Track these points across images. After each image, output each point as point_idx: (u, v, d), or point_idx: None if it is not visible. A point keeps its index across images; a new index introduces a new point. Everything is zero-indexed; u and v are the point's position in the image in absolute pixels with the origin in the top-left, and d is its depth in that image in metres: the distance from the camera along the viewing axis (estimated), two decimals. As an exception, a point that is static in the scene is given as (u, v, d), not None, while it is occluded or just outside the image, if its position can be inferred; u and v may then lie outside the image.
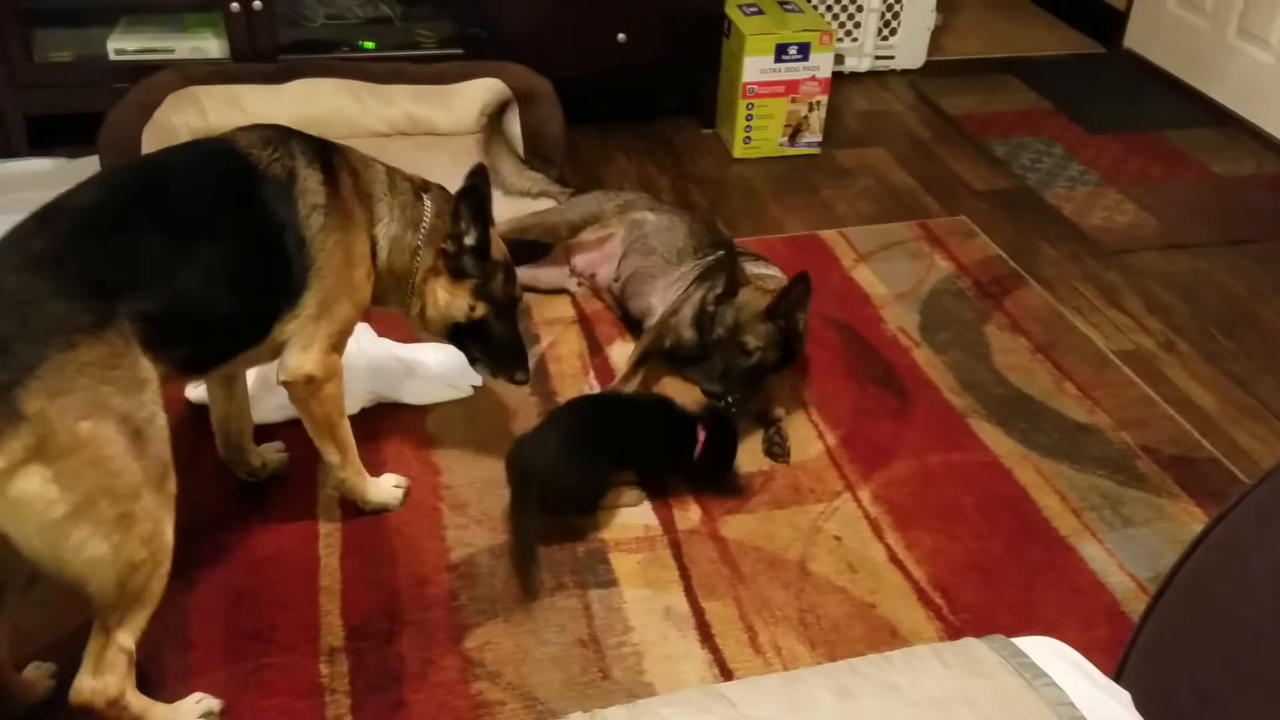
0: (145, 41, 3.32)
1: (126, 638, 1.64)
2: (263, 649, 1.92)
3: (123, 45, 3.31)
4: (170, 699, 1.80)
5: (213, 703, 1.81)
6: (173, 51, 3.31)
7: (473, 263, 2.08)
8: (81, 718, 1.66)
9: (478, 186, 2.04)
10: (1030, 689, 1.22)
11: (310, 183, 1.89)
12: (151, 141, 2.90)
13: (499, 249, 2.15)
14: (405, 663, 1.91)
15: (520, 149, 3.11)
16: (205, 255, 1.75)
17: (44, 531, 1.50)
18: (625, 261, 2.76)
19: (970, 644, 1.30)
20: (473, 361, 2.21)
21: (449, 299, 2.10)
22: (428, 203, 2.08)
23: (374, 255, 2.03)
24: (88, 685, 1.62)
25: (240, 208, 1.83)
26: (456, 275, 2.09)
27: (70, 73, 3.31)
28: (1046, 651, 1.31)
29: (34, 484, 1.47)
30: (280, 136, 1.92)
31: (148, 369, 1.61)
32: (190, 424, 2.31)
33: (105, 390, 1.53)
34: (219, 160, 1.88)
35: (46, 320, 1.52)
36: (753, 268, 2.58)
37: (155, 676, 1.85)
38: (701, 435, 2.27)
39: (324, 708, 1.83)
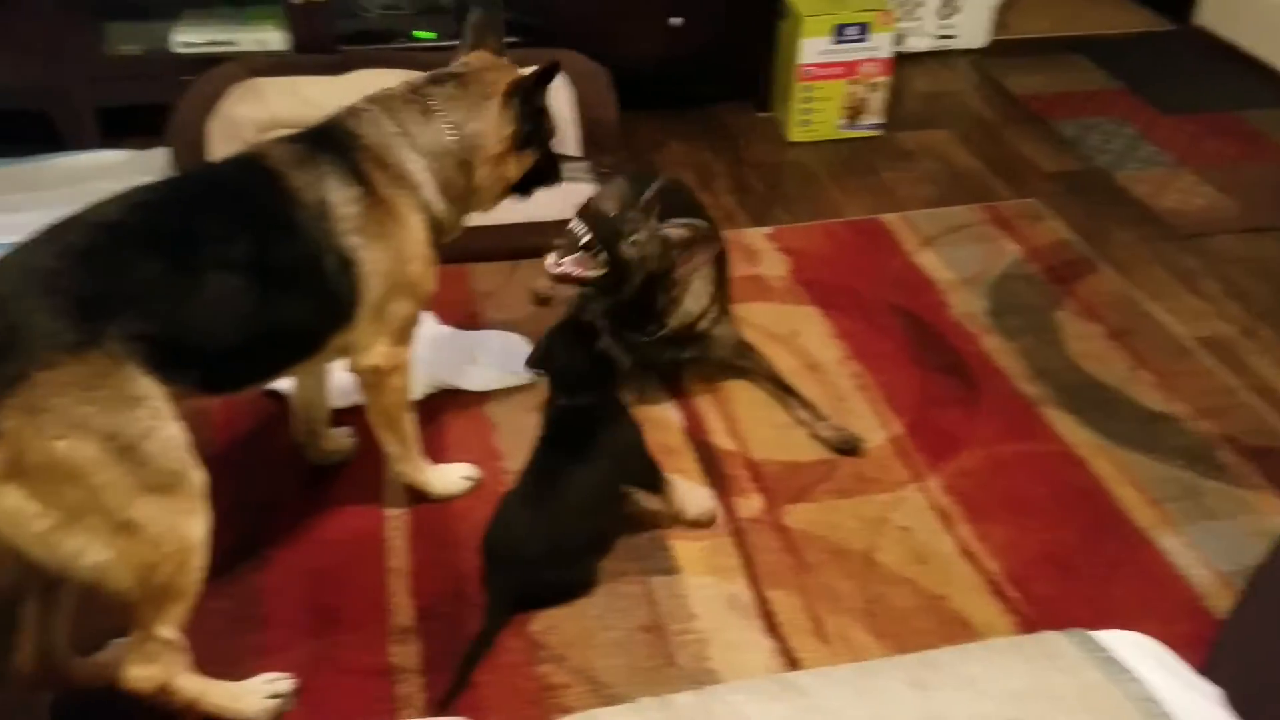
0: (209, 34, 3.37)
1: (165, 630, 1.66)
2: (334, 628, 1.95)
3: (188, 38, 3.36)
4: (245, 676, 1.83)
5: (283, 683, 1.82)
6: (235, 43, 3.35)
7: (543, 128, 2.07)
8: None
9: (552, 64, 1.98)
10: (1113, 684, 1.19)
11: (346, 207, 1.84)
12: (216, 133, 2.93)
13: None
14: (472, 644, 1.91)
15: (573, 134, 3.09)
16: (220, 282, 1.71)
17: (36, 543, 1.52)
18: None
19: (1050, 637, 1.26)
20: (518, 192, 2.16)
21: (519, 165, 2.07)
22: (437, 105, 1.98)
23: (433, 217, 1.98)
24: (135, 674, 1.66)
25: (270, 235, 1.79)
26: (524, 145, 2.05)
27: (139, 65, 3.36)
28: (1130, 645, 1.27)
29: (13, 500, 1.49)
30: (310, 153, 1.86)
31: (145, 387, 1.59)
32: (261, 412, 2.34)
33: (85, 410, 1.52)
34: (250, 183, 1.84)
35: (30, 337, 1.51)
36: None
37: (232, 653, 1.89)
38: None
39: (394, 686, 1.85)
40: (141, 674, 1.66)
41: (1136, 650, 1.26)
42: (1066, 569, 2.09)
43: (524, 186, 2.15)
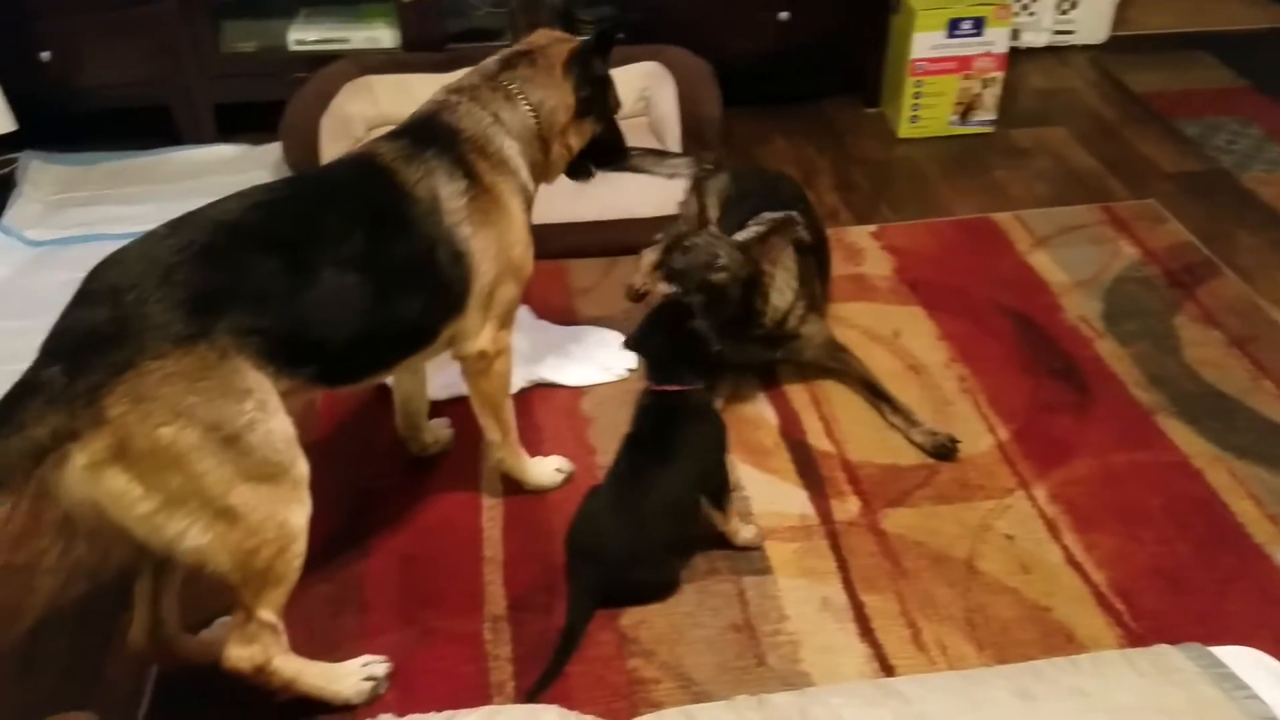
0: (323, 32, 3.46)
1: (265, 612, 1.70)
2: (431, 614, 1.98)
3: (302, 35, 3.45)
4: (345, 657, 1.87)
5: (379, 667, 1.85)
6: (348, 41, 3.44)
7: (606, 94, 2.11)
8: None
9: (610, 27, 2.06)
10: (1231, 701, 1.14)
11: (454, 201, 1.88)
12: (328, 130, 3.01)
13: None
14: (564, 635, 1.92)
15: (676, 129, 3.08)
16: (335, 279, 1.74)
17: (139, 524, 1.57)
18: None
19: (1164, 651, 1.21)
20: (579, 173, 2.20)
21: (581, 135, 2.11)
22: (516, 89, 2.02)
23: (529, 194, 2.04)
24: (234, 654, 1.70)
25: (384, 232, 1.83)
26: (584, 113, 2.09)
27: (254, 62, 3.47)
28: (1248, 662, 1.22)
29: (119, 483, 1.54)
30: (418, 147, 1.91)
31: (253, 380, 1.63)
32: (364, 403, 2.39)
33: (191, 400, 1.56)
34: (364, 182, 1.89)
35: (143, 327, 1.56)
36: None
37: (333, 635, 1.94)
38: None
39: (488, 673, 1.87)
40: (241, 654, 1.71)
41: (1256, 667, 1.21)
42: (1177, 583, 2.01)
43: (584, 166, 2.18)
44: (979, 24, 3.42)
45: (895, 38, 3.55)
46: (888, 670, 1.86)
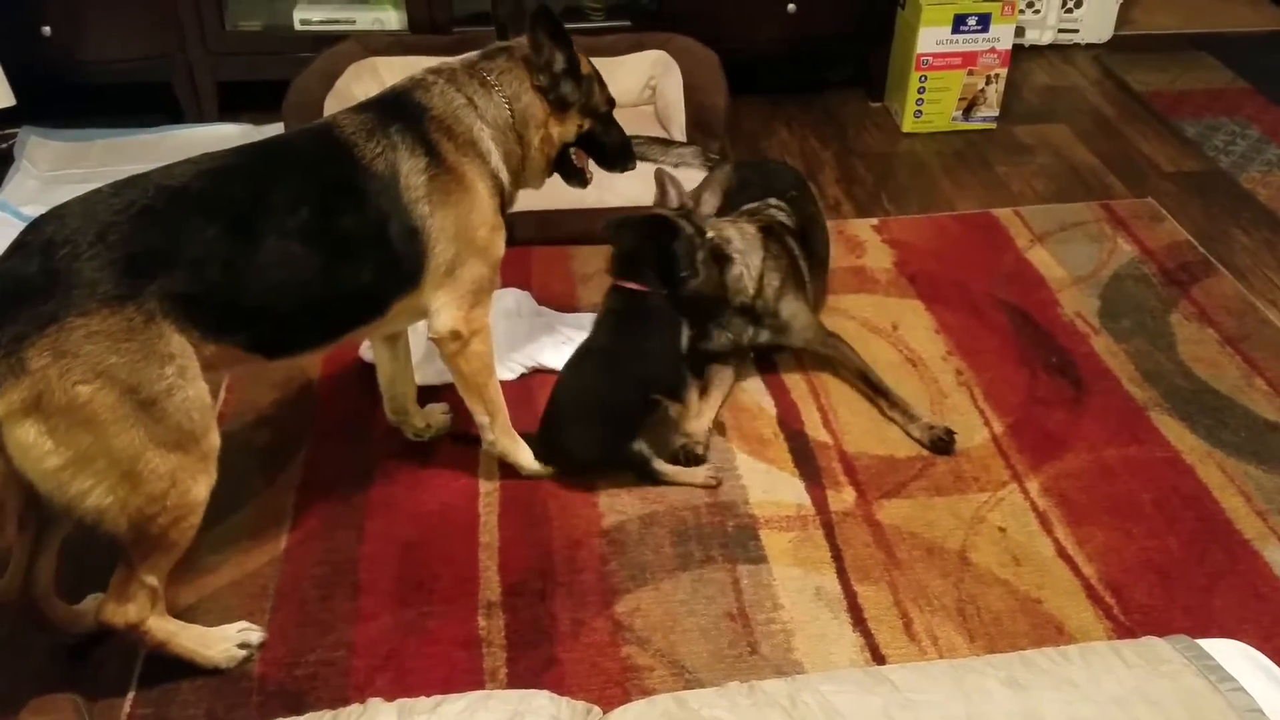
0: (329, 12, 3.45)
1: (149, 576, 1.72)
2: (425, 598, 1.98)
3: (308, 15, 3.44)
4: (340, 640, 1.88)
5: (254, 634, 1.88)
6: (354, 23, 3.43)
7: (570, 85, 2.07)
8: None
9: (543, 9, 2.00)
10: (1216, 692, 1.15)
11: (414, 177, 1.88)
12: (333, 109, 2.96)
13: (586, 63, 2.11)
14: (558, 621, 1.94)
15: (681, 118, 3.09)
16: (277, 249, 1.74)
17: (44, 478, 1.58)
18: None
19: (1152, 643, 1.22)
20: (571, 176, 2.19)
21: (560, 131, 2.10)
22: (493, 79, 2.02)
23: (499, 182, 2.02)
24: (111, 609, 1.73)
25: (335, 204, 1.82)
26: (561, 108, 2.07)
27: (259, 41, 3.46)
28: (1234, 655, 1.23)
29: (29, 435, 1.55)
30: (382, 123, 1.90)
31: (177, 346, 1.63)
32: (364, 387, 2.39)
33: (112, 360, 1.57)
34: (320, 153, 1.88)
35: (73, 283, 1.57)
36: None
37: (326, 618, 1.94)
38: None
39: (481, 658, 1.88)
40: (117, 609, 1.72)
41: (1242, 660, 1.22)
42: (1167, 577, 2.02)
43: (575, 170, 2.18)
44: (985, 20, 3.42)
45: (901, 32, 3.56)
46: (879, 660, 1.87)
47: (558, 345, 2.54)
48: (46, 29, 3.27)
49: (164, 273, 1.63)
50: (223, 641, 1.85)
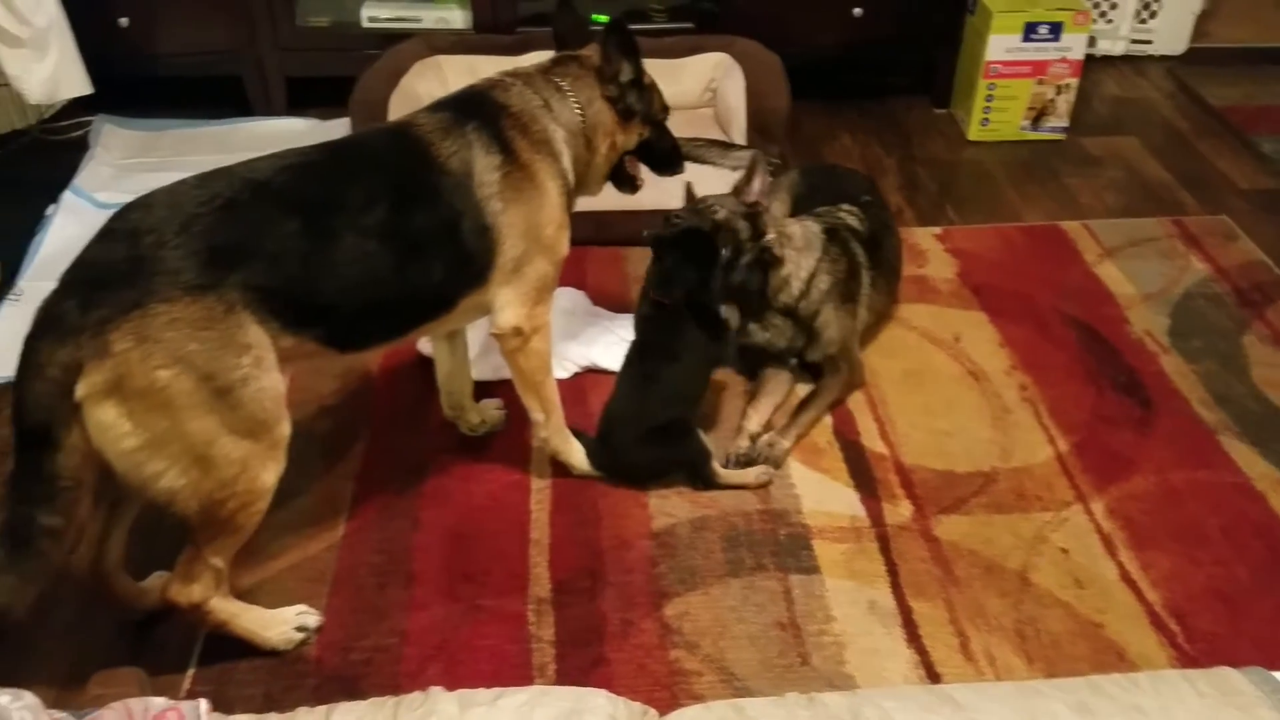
0: (396, 10, 3.48)
1: (215, 557, 1.76)
2: (477, 591, 1.99)
3: (376, 13, 3.47)
4: (394, 628, 1.90)
5: (310, 618, 1.90)
6: (420, 21, 3.45)
7: (635, 96, 2.11)
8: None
9: (617, 24, 2.06)
10: (1293, 729, 1.10)
11: (488, 174, 1.90)
12: (398, 106, 3.02)
13: (647, 73, 2.15)
14: (607, 621, 1.93)
15: (742, 121, 3.07)
16: (353, 245, 1.77)
17: (121, 458, 1.61)
18: None
19: (1225, 673, 1.19)
20: (624, 183, 2.22)
21: (624, 139, 2.14)
22: (566, 85, 2.06)
23: (568, 183, 2.05)
24: (176, 589, 1.77)
25: (410, 202, 1.85)
26: (626, 117, 2.11)
27: (327, 37, 3.50)
28: (1311, 691, 1.18)
29: (109, 415, 1.58)
30: (458, 121, 1.93)
31: (254, 336, 1.66)
32: (421, 380, 2.40)
33: (192, 347, 1.60)
34: (397, 151, 1.91)
35: (156, 270, 1.60)
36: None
37: (382, 605, 1.96)
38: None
39: (530, 654, 1.88)
40: (182, 589, 1.76)
41: (1320, 697, 1.17)
42: (1234, 606, 1.97)
43: (629, 178, 2.21)
44: (1056, 29, 3.36)
45: (969, 39, 3.51)
46: (934, 677, 1.84)
47: (610, 345, 2.53)
48: (124, 20, 3.34)
49: (244, 265, 1.66)
50: (281, 624, 1.88)
